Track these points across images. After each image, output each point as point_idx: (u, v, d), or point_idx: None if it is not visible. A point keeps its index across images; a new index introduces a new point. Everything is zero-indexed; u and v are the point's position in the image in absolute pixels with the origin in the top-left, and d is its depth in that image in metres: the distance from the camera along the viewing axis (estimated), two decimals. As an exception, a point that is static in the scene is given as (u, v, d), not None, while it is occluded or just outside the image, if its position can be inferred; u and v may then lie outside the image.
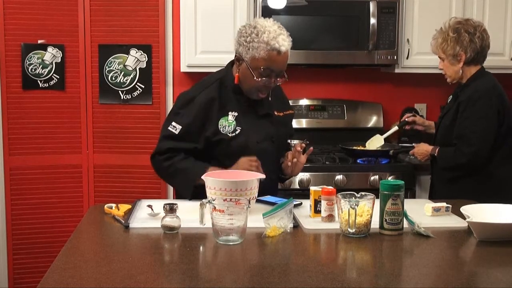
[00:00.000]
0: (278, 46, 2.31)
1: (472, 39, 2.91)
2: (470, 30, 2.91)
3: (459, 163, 2.88)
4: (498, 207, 2.15)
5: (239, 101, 2.46)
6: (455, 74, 2.97)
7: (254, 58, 2.34)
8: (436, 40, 3.00)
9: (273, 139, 2.50)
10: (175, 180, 2.48)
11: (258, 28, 2.33)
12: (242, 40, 2.36)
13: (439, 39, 2.97)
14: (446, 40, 2.94)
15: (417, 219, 2.07)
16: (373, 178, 3.44)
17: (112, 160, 3.81)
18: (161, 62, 3.81)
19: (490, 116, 2.87)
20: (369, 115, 4.04)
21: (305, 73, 4.02)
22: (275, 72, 2.37)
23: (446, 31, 2.95)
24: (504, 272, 1.73)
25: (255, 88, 2.41)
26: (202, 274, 1.69)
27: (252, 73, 2.36)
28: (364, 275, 1.72)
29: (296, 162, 2.47)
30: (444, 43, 2.94)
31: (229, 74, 2.49)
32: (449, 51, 2.93)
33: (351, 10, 3.64)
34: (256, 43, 2.32)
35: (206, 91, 2.45)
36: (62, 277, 1.59)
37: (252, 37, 2.33)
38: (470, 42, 2.90)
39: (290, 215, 2.04)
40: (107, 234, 2.07)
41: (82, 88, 3.78)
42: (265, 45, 2.31)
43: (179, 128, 2.41)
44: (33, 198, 3.77)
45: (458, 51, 2.92)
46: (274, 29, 2.33)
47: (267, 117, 2.52)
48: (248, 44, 2.34)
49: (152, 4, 3.75)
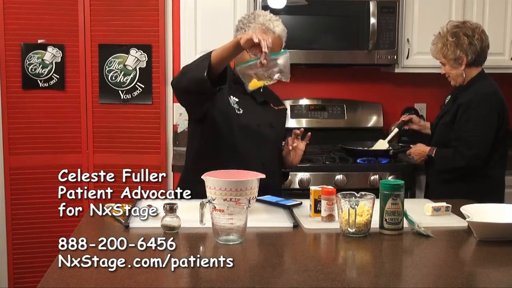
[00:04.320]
0: (272, 26, 2.46)
1: (471, 41, 2.91)
2: (468, 32, 2.91)
3: (458, 165, 2.88)
4: (498, 207, 2.16)
5: (238, 89, 2.53)
6: (459, 77, 2.97)
7: None
8: (435, 45, 2.99)
9: (272, 124, 2.57)
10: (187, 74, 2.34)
11: (256, 13, 2.53)
12: (240, 24, 2.53)
13: (439, 44, 2.97)
14: (445, 45, 2.93)
15: (417, 219, 2.08)
16: (373, 178, 3.44)
17: (112, 160, 3.80)
18: (161, 62, 3.81)
19: (491, 120, 2.87)
20: (369, 115, 4.04)
21: (305, 73, 4.02)
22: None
23: (444, 35, 2.95)
24: (504, 272, 1.73)
25: None
26: (202, 274, 1.69)
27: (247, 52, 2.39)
28: (364, 275, 1.72)
29: (296, 149, 2.55)
30: (444, 48, 2.94)
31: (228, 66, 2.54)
32: (450, 55, 2.93)
33: (351, 10, 3.64)
34: (252, 24, 2.48)
35: None
36: (62, 277, 1.59)
37: (249, 20, 2.51)
38: (470, 45, 2.91)
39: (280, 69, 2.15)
40: (107, 234, 2.07)
41: (82, 88, 3.78)
42: (260, 25, 2.47)
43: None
44: (33, 198, 3.76)
45: (459, 55, 2.92)
46: (270, 15, 2.51)
47: (265, 104, 2.60)
48: (244, 26, 2.50)
49: (152, 4, 3.75)
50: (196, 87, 2.28)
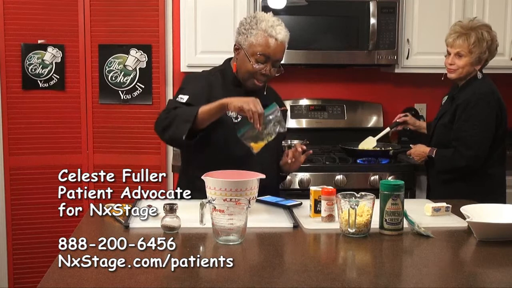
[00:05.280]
0: (275, 33, 2.42)
1: (496, 48, 2.95)
2: (496, 39, 2.94)
3: (458, 165, 2.88)
4: (498, 207, 2.16)
5: (238, 93, 2.50)
6: (467, 73, 2.92)
7: (251, 44, 2.43)
8: (467, 36, 2.87)
9: None
10: (171, 128, 2.37)
11: (258, 17, 2.47)
12: (242, 29, 2.48)
13: (472, 37, 2.86)
14: (480, 41, 2.87)
15: (417, 219, 2.08)
16: (373, 178, 3.43)
17: (112, 160, 3.80)
18: (161, 62, 3.81)
19: (489, 120, 2.87)
20: (369, 115, 4.04)
21: (305, 73, 4.02)
22: (271, 60, 2.44)
23: (477, 29, 2.88)
24: (504, 272, 1.74)
25: (251, 75, 2.46)
26: (202, 274, 1.69)
27: (249, 59, 2.43)
28: (364, 275, 1.72)
29: (295, 161, 2.53)
30: (477, 43, 2.87)
31: (228, 68, 2.57)
32: (478, 53, 2.87)
33: (351, 10, 3.64)
34: (254, 30, 2.43)
35: (208, 77, 2.55)
36: (62, 277, 1.60)
37: (251, 25, 2.45)
38: (494, 51, 2.94)
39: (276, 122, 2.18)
40: (107, 234, 2.07)
41: (82, 88, 3.78)
42: (262, 32, 2.42)
43: (186, 97, 2.45)
44: (33, 198, 3.76)
45: (484, 57, 2.90)
46: (273, 20, 2.46)
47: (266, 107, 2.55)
48: (247, 32, 2.45)
49: (152, 4, 3.75)
50: (176, 145, 2.43)
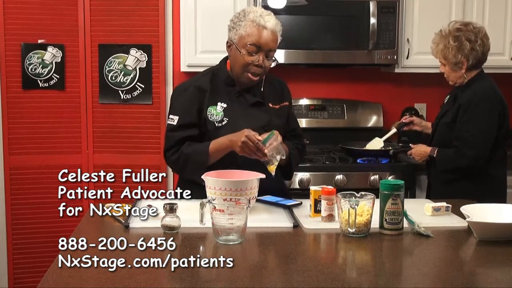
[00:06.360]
0: (263, 22, 2.42)
1: (473, 47, 2.88)
2: (471, 37, 2.88)
3: (460, 165, 2.88)
4: (498, 207, 2.16)
5: (230, 92, 2.51)
6: (458, 79, 2.96)
7: (241, 36, 2.43)
8: (436, 45, 2.95)
9: (265, 127, 2.48)
10: (187, 171, 2.48)
11: (246, 10, 2.48)
12: (231, 24, 2.48)
13: (440, 45, 2.93)
14: (447, 47, 2.90)
15: (417, 219, 2.08)
16: (373, 178, 3.44)
17: (112, 160, 3.80)
18: (161, 62, 3.81)
19: (491, 120, 2.87)
20: (369, 115, 4.04)
21: (305, 73, 4.02)
22: (263, 50, 2.42)
23: (446, 37, 2.91)
24: (504, 272, 1.74)
25: (245, 68, 2.44)
26: (202, 274, 1.69)
27: (240, 51, 2.42)
28: (364, 275, 1.72)
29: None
30: (446, 50, 2.91)
31: (222, 67, 2.55)
32: (451, 59, 2.91)
33: (351, 10, 3.64)
34: (243, 22, 2.43)
35: (198, 82, 2.54)
36: (62, 277, 1.60)
37: (239, 18, 2.46)
38: (472, 50, 2.88)
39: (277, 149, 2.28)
40: (107, 234, 2.07)
41: (82, 88, 3.78)
42: (251, 22, 2.42)
43: (176, 118, 2.49)
44: (33, 198, 3.76)
45: (460, 59, 2.90)
46: (261, 10, 2.47)
47: (258, 105, 2.54)
48: (235, 25, 2.45)
49: (152, 4, 3.75)
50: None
